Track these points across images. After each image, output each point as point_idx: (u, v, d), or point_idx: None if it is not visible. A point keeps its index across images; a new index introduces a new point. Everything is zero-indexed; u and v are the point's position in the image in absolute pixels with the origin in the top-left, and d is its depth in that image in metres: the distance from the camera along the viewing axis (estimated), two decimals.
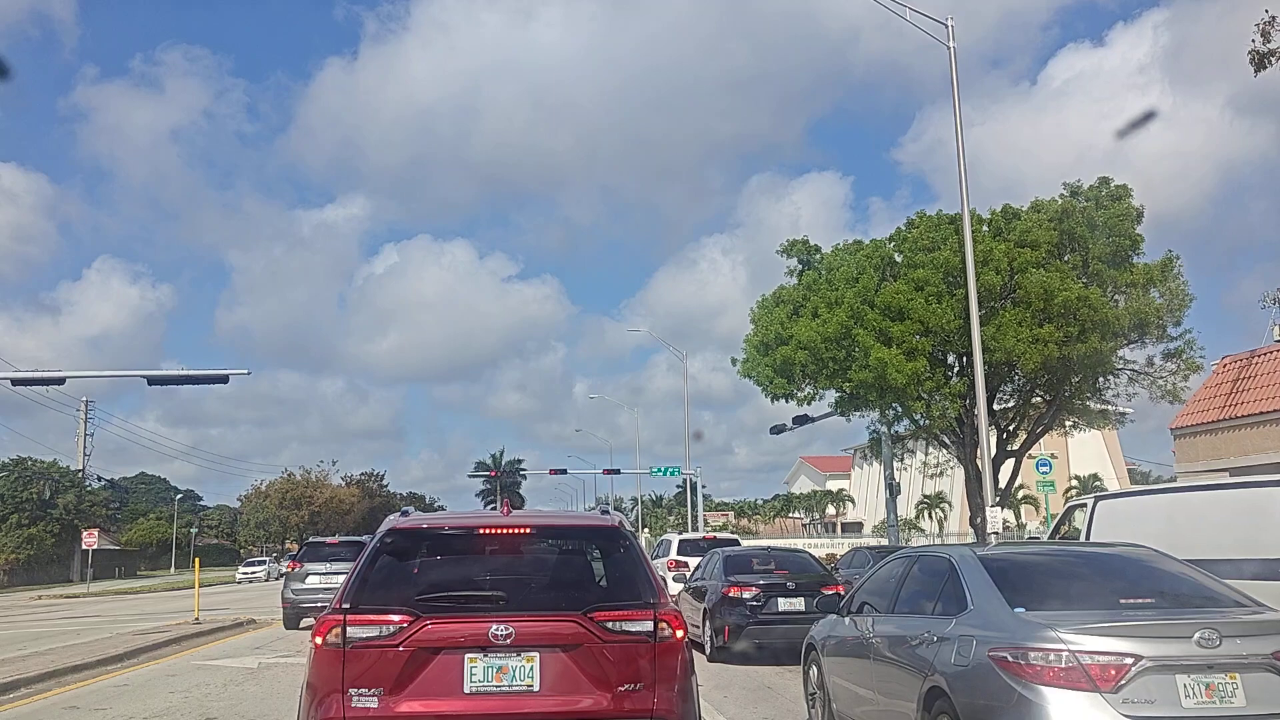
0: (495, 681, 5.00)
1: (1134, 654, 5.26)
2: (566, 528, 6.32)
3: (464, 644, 5.00)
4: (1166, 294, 28.44)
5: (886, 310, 26.73)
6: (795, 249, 30.58)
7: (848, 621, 7.84)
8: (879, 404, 27.72)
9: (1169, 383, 29.59)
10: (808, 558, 16.29)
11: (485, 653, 5.01)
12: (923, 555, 7.50)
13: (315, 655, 5.17)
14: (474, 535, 5.83)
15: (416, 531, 5.72)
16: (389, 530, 5.65)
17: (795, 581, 14.07)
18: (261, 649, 16.07)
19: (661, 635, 5.19)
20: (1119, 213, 27.18)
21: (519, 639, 5.00)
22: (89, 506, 71.19)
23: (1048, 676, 5.30)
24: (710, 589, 14.36)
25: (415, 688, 4.96)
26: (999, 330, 25.73)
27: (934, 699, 6.03)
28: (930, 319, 26.08)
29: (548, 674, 5.04)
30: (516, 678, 5.02)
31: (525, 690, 5.01)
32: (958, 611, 6.20)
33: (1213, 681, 5.29)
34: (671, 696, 5.18)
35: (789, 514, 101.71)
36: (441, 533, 5.90)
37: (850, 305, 26.89)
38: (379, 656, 4.98)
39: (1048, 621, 5.55)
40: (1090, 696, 5.20)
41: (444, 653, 5.01)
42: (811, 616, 11.64)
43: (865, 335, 26.25)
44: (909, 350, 26.03)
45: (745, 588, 13.72)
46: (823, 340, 26.96)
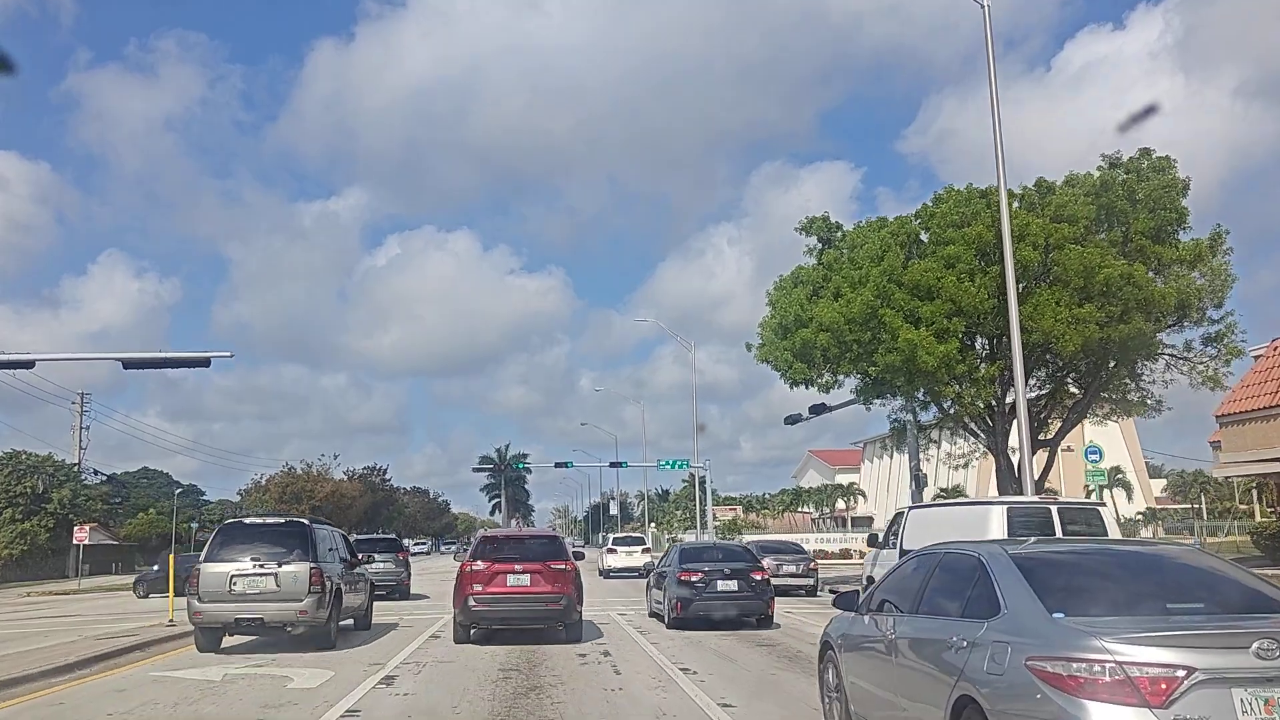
0: (519, 583, 15.19)
1: (1187, 665, 4.80)
2: (539, 534, 18.69)
3: (506, 571, 15.21)
4: (1208, 273, 26.68)
5: (915, 289, 25.01)
6: (815, 226, 28.83)
7: (867, 620, 7.45)
8: (906, 389, 25.98)
9: (1209, 368, 27.86)
10: (743, 550, 20.39)
11: (511, 574, 15.21)
12: (949, 552, 7.00)
13: (461, 571, 15.66)
14: (508, 536, 17.31)
15: (489, 535, 16.97)
16: (482, 536, 16.99)
17: (730, 568, 17.95)
18: (231, 657, 14.40)
19: (569, 569, 15.38)
20: (1163, 184, 25.42)
21: (523, 570, 15.22)
22: (85, 501, 69.74)
23: (1092, 690, 4.85)
24: (669, 574, 18.44)
25: (490, 585, 15.14)
26: (1036, 310, 24.02)
27: (963, 707, 5.64)
28: (962, 298, 24.35)
29: (532, 580, 15.18)
30: (523, 582, 15.20)
31: (526, 585, 15.15)
32: (989, 615, 5.79)
33: (1272, 696, 4.82)
34: (572, 588, 15.28)
35: (798, 508, 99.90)
36: (497, 535, 17.06)
37: (876, 284, 25.16)
38: (479, 574, 15.25)
39: (1091, 629, 5.11)
40: (1139, 712, 4.77)
41: (500, 574, 15.16)
42: (743, 594, 17.47)
43: (893, 316, 24.53)
44: (940, 332, 24.31)
45: (693, 573, 17.77)
46: (846, 322, 25.24)
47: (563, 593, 14.97)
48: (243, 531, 15.59)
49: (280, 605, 14.35)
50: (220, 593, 14.47)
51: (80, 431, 71.99)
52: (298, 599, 14.35)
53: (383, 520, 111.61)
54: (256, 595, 14.47)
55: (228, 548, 15.00)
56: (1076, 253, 24.42)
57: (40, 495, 66.05)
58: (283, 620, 14.44)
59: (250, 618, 14.45)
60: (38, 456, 68.58)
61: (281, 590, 14.40)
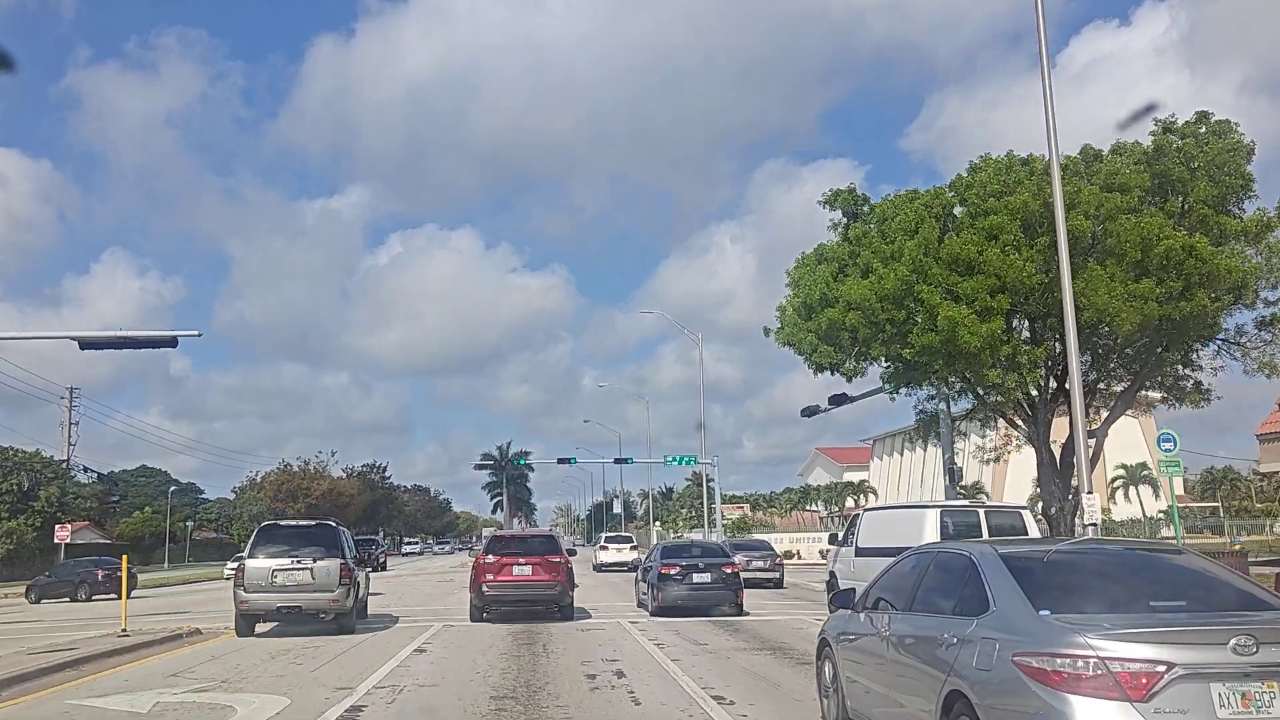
0: (523, 572, 18.60)
1: (1166, 661, 4.97)
2: (538, 534, 24.42)
3: (512, 563, 18.68)
4: (1264, 251, 24.38)
5: (953, 264, 22.74)
6: (840, 199, 26.54)
7: (863, 618, 7.60)
8: (945, 373, 23.69)
9: (1264, 354, 25.60)
10: (717, 547, 23.47)
11: (516, 566, 18.65)
12: (941, 551, 7.27)
13: (476, 564, 19.19)
14: (513, 535, 23.62)
15: (498, 535, 22.28)
16: (493, 535, 22.65)
17: (705, 563, 20.21)
18: (177, 677, 12.20)
19: (563, 562, 18.89)
20: (1226, 148, 23.13)
21: (525, 562, 18.69)
22: (73, 499, 67.50)
23: (1076, 685, 5.02)
24: (653, 568, 20.81)
25: (500, 575, 18.56)
26: (1089, 286, 21.73)
27: (953, 702, 5.80)
28: (1007, 272, 22.07)
29: (533, 571, 18.61)
30: (527, 572, 18.60)
31: (529, 575, 18.58)
32: (979, 612, 5.96)
33: (1249, 690, 4.99)
34: (565, 577, 18.74)
35: (806, 506, 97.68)
36: (504, 535, 22.47)
37: (911, 258, 22.88)
38: (491, 566, 18.61)
39: (1075, 626, 5.27)
40: (1120, 706, 4.93)
41: (507, 566, 18.64)
42: (715, 585, 19.67)
43: (931, 293, 22.25)
44: (982, 309, 22.02)
45: (673, 566, 20.10)
46: (878, 299, 22.97)
47: (558, 580, 18.62)
48: (280, 532, 18.16)
49: (315, 595, 16.70)
50: (263, 584, 16.70)
51: (69, 427, 69.76)
52: (330, 589, 16.70)
53: (382, 519, 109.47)
54: (295, 586, 16.66)
55: (267, 545, 17.26)
56: (1132, 223, 22.17)
57: (27, 492, 63.87)
58: (317, 608, 16.82)
59: (290, 605, 16.74)
60: (24, 453, 66.41)
61: (316, 582, 16.70)
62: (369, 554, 55.00)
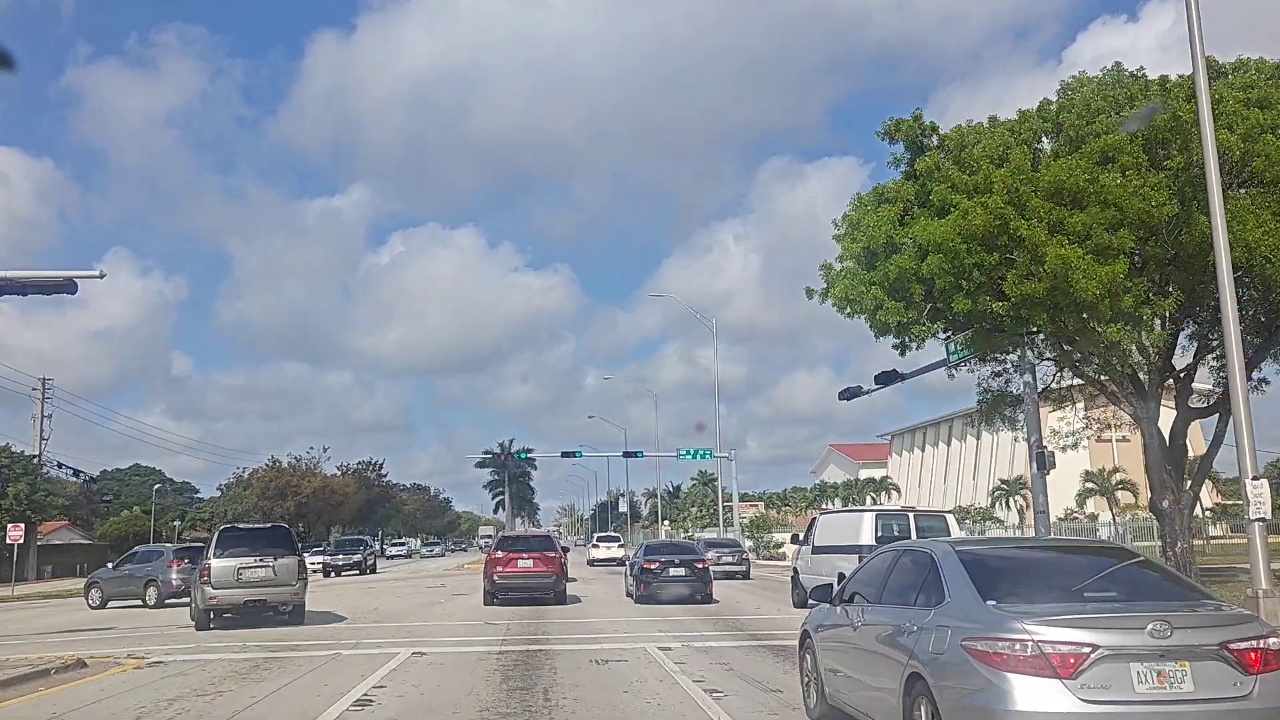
0: (525, 565, 22.95)
1: (1091, 643, 5.57)
2: (539, 534, 31.63)
3: (518, 557, 23.16)
4: None
5: (1056, 194, 18.21)
6: (903, 130, 21.91)
7: (839, 611, 8.06)
8: (1051, 329, 19.09)
9: None
10: (691, 544, 28.96)
11: (520, 559, 23.12)
12: (908, 549, 7.76)
13: (488, 558, 24.02)
14: (518, 535, 28.58)
15: (507, 535, 30.62)
16: (502, 536, 31.33)
17: (680, 558, 23.92)
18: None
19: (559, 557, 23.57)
20: None
21: (528, 556, 23.20)
22: (45, 497, 63.04)
23: (1014, 664, 5.62)
24: (636, 563, 24.67)
25: (507, 567, 22.94)
26: (1233, 219, 17.13)
27: (913, 683, 6.33)
28: (1130, 202, 17.51)
29: (534, 564, 22.95)
30: (529, 565, 22.95)
31: (530, 567, 22.91)
32: (936, 603, 6.50)
33: (1164, 669, 5.58)
34: (559, 569, 23.17)
35: (821, 504, 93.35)
36: (511, 534, 30.79)
37: (1006, 187, 18.34)
38: (500, 559, 23.19)
39: (1015, 614, 5.86)
40: (1052, 683, 5.53)
41: (513, 559, 23.10)
42: (689, 577, 23.34)
43: (1034, 229, 17.67)
44: (1099, 249, 17.48)
45: (653, 561, 23.82)
46: (963, 240, 18.42)
47: (553, 572, 22.89)
48: (239, 533, 19.98)
49: (277, 589, 18.55)
50: (230, 581, 18.27)
51: (41, 420, 65.08)
52: (290, 584, 18.65)
53: (379, 518, 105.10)
54: (259, 582, 18.38)
55: (230, 546, 18.84)
56: None
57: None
58: (279, 601, 18.66)
59: (255, 599, 18.44)
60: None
61: (278, 578, 18.52)
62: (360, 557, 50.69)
